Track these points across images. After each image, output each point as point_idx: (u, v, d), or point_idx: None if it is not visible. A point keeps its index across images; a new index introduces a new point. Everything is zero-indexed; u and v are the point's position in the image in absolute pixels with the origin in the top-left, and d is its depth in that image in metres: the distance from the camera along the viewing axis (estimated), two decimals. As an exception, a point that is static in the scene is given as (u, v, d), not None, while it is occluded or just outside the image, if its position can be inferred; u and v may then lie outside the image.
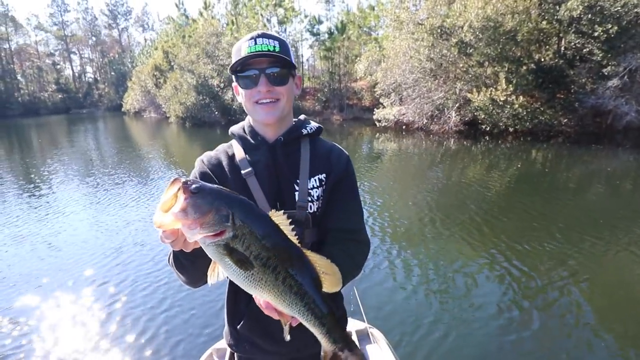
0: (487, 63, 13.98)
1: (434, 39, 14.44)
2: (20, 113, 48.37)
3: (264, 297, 0.76)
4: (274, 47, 1.01)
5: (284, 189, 1.06)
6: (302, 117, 1.20)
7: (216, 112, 23.31)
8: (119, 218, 6.12)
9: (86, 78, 66.05)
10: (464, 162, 10.39)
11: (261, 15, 28.20)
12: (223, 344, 2.12)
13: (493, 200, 6.66)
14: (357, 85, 25.73)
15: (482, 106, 13.26)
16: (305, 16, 29.34)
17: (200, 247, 0.72)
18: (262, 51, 1.00)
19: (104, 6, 72.95)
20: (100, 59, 65.24)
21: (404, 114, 16.23)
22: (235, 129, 1.15)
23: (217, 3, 34.30)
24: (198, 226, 0.66)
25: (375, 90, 18.20)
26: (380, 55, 18.56)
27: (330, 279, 0.76)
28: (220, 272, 0.74)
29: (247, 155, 1.09)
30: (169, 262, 0.99)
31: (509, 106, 12.77)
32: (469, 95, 13.69)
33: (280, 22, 28.73)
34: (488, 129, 13.52)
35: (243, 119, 1.17)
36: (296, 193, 1.05)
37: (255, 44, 1.01)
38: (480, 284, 3.78)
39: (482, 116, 13.51)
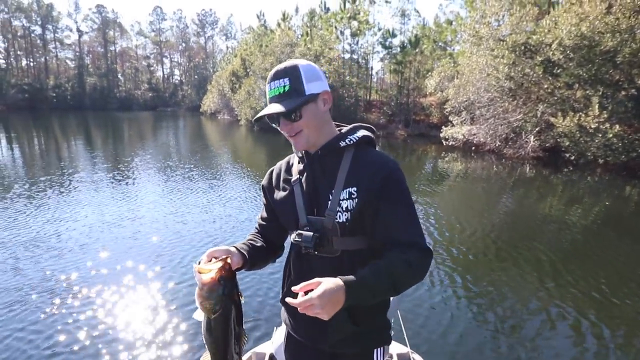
0: (577, 85, 12.63)
1: (516, 57, 13.44)
2: (116, 107, 55.06)
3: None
4: (284, 87, 1.10)
5: (320, 197, 1.15)
6: (351, 126, 1.23)
7: (283, 119, 24.12)
8: (193, 211, 6.57)
9: (173, 80, 73.10)
10: (540, 192, 9.42)
11: (335, 27, 28.81)
12: (263, 348, 2.17)
13: (572, 239, 5.90)
14: (426, 101, 24.95)
15: (567, 132, 11.95)
16: (379, 29, 29.34)
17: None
18: (275, 95, 1.11)
19: (195, 16, 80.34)
20: (187, 63, 71.84)
21: (474, 134, 15.30)
22: None
23: (295, 15, 35.81)
24: (200, 299, 0.99)
25: (445, 107, 17.44)
26: (454, 71, 17.79)
27: None
28: (200, 316, 1.06)
29: (299, 166, 1.23)
30: None
31: (600, 135, 11.34)
32: (552, 119, 12.45)
33: (353, 35, 29.05)
34: (572, 158, 12.12)
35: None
36: (329, 202, 1.12)
37: (270, 88, 1.13)
38: (542, 331, 3.31)
39: (567, 143, 12.17)
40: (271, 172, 1.34)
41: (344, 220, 1.10)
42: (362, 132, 1.20)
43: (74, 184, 8.50)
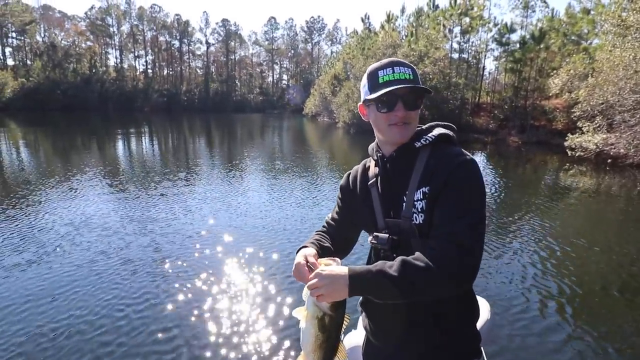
0: None
1: (680, 49, 10.72)
2: (233, 109, 61.73)
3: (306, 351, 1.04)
4: (409, 75, 1.12)
5: (395, 199, 1.15)
6: (428, 125, 1.21)
7: (381, 122, 23.87)
8: (295, 208, 6.97)
9: (281, 84, 78.71)
10: None
11: (443, 25, 27.25)
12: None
13: None
14: (549, 103, 21.76)
15: None
16: (495, 25, 26.73)
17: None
18: (401, 79, 1.10)
19: (304, 23, 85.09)
20: (294, 69, 76.60)
21: (612, 144, 12.70)
22: (370, 147, 1.30)
23: (401, 16, 34.93)
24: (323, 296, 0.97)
25: (573, 111, 14.92)
26: (589, 69, 15.10)
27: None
28: (302, 319, 1.03)
29: (376, 169, 1.24)
30: None
31: None
32: None
33: (464, 32, 27.06)
34: None
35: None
36: (404, 204, 1.11)
37: (394, 72, 1.13)
38: None
39: None
40: (349, 175, 1.36)
41: (420, 221, 1.08)
42: (439, 131, 1.16)
43: (196, 177, 9.87)
